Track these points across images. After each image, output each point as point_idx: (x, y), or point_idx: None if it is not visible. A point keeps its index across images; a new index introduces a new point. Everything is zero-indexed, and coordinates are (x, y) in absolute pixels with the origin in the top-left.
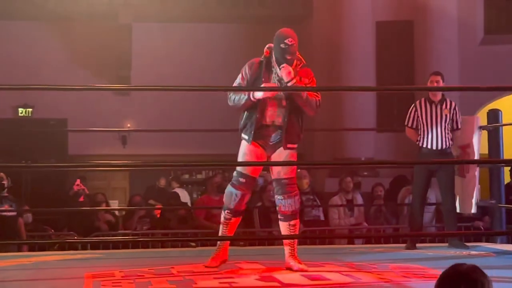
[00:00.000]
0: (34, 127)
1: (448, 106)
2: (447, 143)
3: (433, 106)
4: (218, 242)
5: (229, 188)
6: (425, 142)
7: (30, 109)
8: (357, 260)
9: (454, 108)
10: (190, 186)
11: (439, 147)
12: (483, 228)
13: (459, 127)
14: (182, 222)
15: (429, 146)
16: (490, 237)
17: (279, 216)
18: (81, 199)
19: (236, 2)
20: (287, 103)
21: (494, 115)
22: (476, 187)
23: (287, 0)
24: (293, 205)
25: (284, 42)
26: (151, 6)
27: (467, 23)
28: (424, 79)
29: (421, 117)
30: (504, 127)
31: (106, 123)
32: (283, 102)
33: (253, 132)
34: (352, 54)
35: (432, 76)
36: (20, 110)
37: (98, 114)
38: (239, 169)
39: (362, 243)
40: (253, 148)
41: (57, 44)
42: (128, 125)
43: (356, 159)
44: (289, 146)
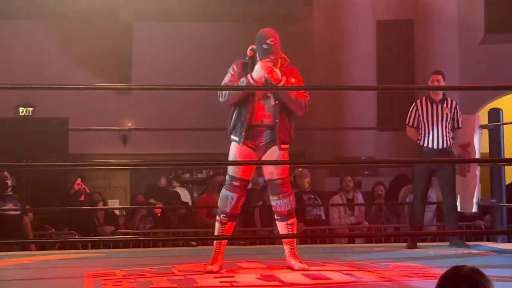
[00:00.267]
0: (35, 126)
1: (449, 105)
2: (448, 142)
3: (434, 105)
4: (214, 248)
5: (225, 191)
6: (426, 141)
7: (31, 108)
8: (358, 259)
9: (455, 107)
10: (190, 185)
11: (440, 146)
12: (484, 227)
13: (460, 126)
14: (183, 221)
15: (430, 145)
16: (491, 236)
17: (275, 217)
18: (81, 198)
19: (237, 1)
20: (277, 103)
21: (495, 114)
22: (477, 186)
23: None
24: (289, 204)
25: (266, 42)
26: (151, 5)
27: (468, 22)
28: (425, 78)
29: (422, 116)
30: (505, 126)
31: (106, 122)
32: (272, 101)
33: (244, 133)
34: (353, 53)
35: (433, 75)
36: (21, 109)
37: (98, 113)
38: (231, 173)
39: (362, 242)
40: (243, 149)
41: (57, 43)
42: (129, 124)
43: (357, 158)
44: (282, 147)
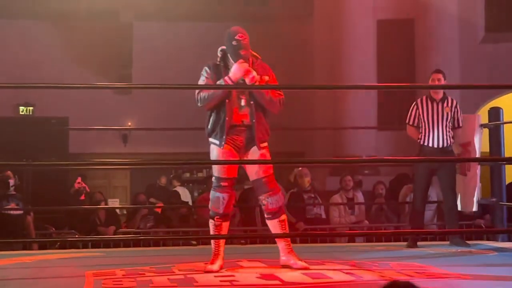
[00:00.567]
0: (35, 125)
1: (449, 104)
2: (448, 141)
3: (435, 104)
4: (213, 249)
5: (215, 193)
6: (426, 140)
7: (31, 108)
8: (358, 258)
9: (455, 106)
10: (191, 184)
11: (440, 145)
12: (484, 226)
13: (460, 125)
14: (183, 220)
15: (430, 144)
16: (491, 235)
17: (266, 215)
18: (82, 197)
19: (237, 1)
20: (252, 103)
21: (495, 113)
22: (477, 185)
23: None
24: (279, 201)
25: (235, 39)
26: (152, 5)
27: (468, 21)
28: (425, 77)
29: (422, 115)
30: (505, 125)
31: (107, 121)
32: (244, 102)
33: (224, 135)
34: (353, 53)
35: (433, 74)
36: (21, 108)
37: (99, 112)
38: (217, 174)
39: (363, 242)
40: (225, 151)
41: (58, 42)
42: (129, 124)
43: (357, 157)
44: (262, 146)
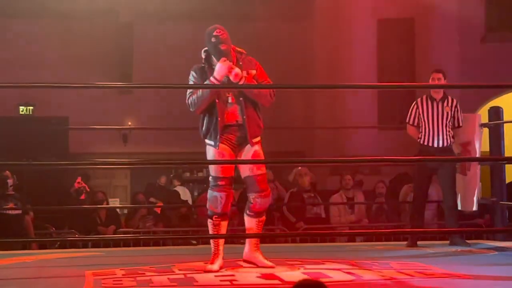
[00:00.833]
0: (35, 125)
1: (450, 104)
2: (449, 141)
3: (435, 104)
4: (212, 248)
5: (212, 193)
6: (426, 140)
7: (31, 107)
8: (358, 257)
9: (456, 106)
10: (191, 184)
11: (441, 145)
12: (484, 226)
13: (460, 124)
14: (183, 220)
15: (430, 144)
16: (491, 235)
17: (248, 212)
18: (82, 197)
19: (237, 1)
20: (241, 99)
21: (495, 113)
22: (477, 185)
23: None
24: (267, 203)
25: (213, 35)
26: (152, 4)
27: (468, 20)
28: (426, 76)
29: (423, 114)
30: (505, 124)
31: (107, 121)
32: (232, 99)
33: (218, 136)
34: (353, 52)
35: (433, 74)
36: (21, 108)
37: (99, 112)
38: (214, 174)
39: (363, 241)
40: (221, 150)
41: (58, 42)
42: (129, 123)
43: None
44: (254, 141)
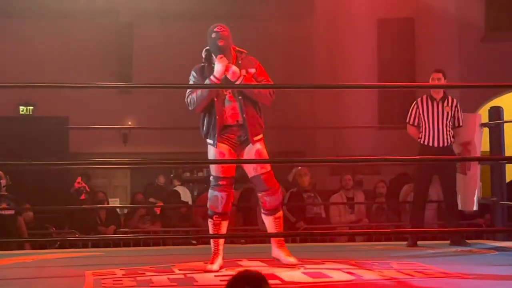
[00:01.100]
0: (35, 125)
1: (450, 104)
2: (449, 141)
3: (435, 104)
4: (212, 248)
5: (213, 192)
6: (426, 140)
7: (31, 107)
8: (358, 257)
9: (456, 106)
10: (191, 184)
11: (441, 145)
12: (484, 226)
13: (460, 124)
14: (183, 220)
15: (430, 144)
16: (492, 235)
17: (263, 211)
18: (82, 197)
19: (238, 0)
20: (240, 98)
21: (495, 113)
22: (477, 185)
23: None
24: (277, 199)
25: (213, 31)
26: (152, 4)
27: (468, 20)
28: (426, 76)
29: (423, 114)
30: (505, 124)
31: (107, 121)
32: (229, 97)
33: (217, 135)
34: (353, 52)
35: (433, 73)
36: (21, 108)
37: (99, 112)
38: (215, 174)
39: (363, 241)
40: (222, 150)
41: (58, 42)
42: (129, 123)
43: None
44: (255, 139)
